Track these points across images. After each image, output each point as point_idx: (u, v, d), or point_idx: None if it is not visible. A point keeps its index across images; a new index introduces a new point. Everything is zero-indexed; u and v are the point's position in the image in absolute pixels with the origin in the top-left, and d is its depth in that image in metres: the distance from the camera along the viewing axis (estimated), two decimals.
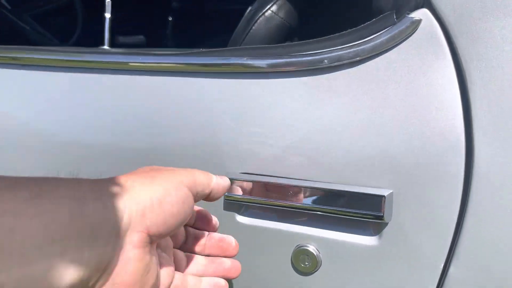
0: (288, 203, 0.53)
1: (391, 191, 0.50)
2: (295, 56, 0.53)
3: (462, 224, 0.48)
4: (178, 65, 0.59)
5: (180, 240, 0.49)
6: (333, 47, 0.52)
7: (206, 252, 0.50)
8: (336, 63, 0.51)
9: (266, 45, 0.56)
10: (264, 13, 0.86)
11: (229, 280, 0.51)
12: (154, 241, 0.38)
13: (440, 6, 0.48)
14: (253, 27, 0.85)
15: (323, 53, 0.52)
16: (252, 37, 0.86)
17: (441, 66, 0.48)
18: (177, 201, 0.39)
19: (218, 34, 1.64)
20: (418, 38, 0.49)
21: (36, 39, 1.33)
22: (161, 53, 0.60)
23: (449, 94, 0.48)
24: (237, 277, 0.50)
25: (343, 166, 0.51)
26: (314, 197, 0.52)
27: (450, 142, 0.47)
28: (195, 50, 0.59)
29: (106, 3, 0.74)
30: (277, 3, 0.87)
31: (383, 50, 0.50)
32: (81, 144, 0.65)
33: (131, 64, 0.62)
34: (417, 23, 0.49)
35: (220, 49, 0.57)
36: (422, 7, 0.50)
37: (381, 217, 0.49)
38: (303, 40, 0.56)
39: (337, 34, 0.53)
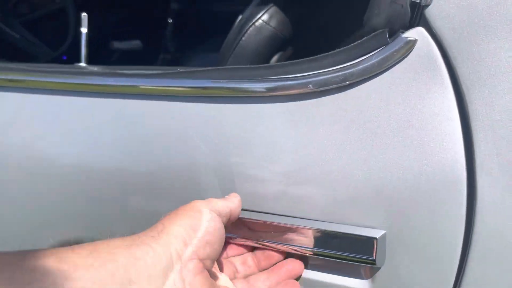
0: (271, 243, 0.48)
1: (384, 232, 0.44)
2: (277, 80, 0.47)
3: (464, 270, 0.43)
4: (152, 88, 0.54)
5: (232, 271, 0.50)
6: (319, 70, 0.47)
7: (261, 268, 0.50)
8: (322, 88, 0.46)
9: (248, 66, 0.51)
10: (254, 23, 0.81)
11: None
12: (207, 266, 0.41)
13: (438, 24, 0.43)
14: (243, 38, 0.80)
15: (308, 76, 0.46)
16: (242, 49, 0.80)
17: (439, 92, 0.43)
18: (207, 221, 0.42)
19: (218, 35, 1.60)
20: (413, 60, 0.44)
21: (26, 47, 1.29)
22: (134, 73, 0.55)
23: (448, 124, 0.42)
24: (302, 272, 0.49)
25: (330, 203, 0.46)
26: (299, 237, 0.47)
27: (450, 179, 0.42)
28: (172, 71, 0.54)
29: (82, 17, 0.69)
30: (269, 12, 0.81)
31: (374, 73, 0.45)
32: (56, 166, 0.60)
33: (104, 86, 0.57)
34: (412, 43, 0.43)
35: (198, 69, 0.52)
36: (418, 25, 0.44)
37: (372, 262, 0.44)
38: (297, 51, 0.51)
39: (323, 54, 0.48)
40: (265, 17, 0.81)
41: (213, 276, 0.44)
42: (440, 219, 0.43)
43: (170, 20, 1.95)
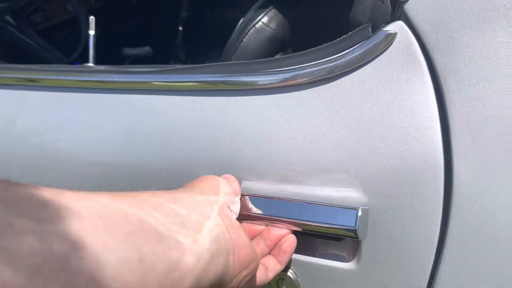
0: (252, 214, 0.50)
1: (367, 208, 0.47)
2: (267, 74, 0.51)
3: (442, 249, 0.45)
4: (154, 83, 0.57)
5: None
6: (307, 63, 0.50)
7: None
8: (310, 80, 0.49)
9: (240, 62, 0.54)
10: (254, 25, 0.84)
11: None
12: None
13: (416, 18, 0.46)
14: (244, 40, 0.84)
15: (297, 69, 0.49)
16: (243, 50, 0.84)
17: (418, 81, 0.45)
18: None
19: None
20: (394, 52, 0.47)
21: (41, 54, 1.35)
22: (136, 70, 0.59)
23: (427, 112, 0.45)
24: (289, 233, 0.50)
25: (317, 187, 0.49)
26: (285, 209, 0.49)
27: (429, 163, 0.45)
28: (171, 68, 0.58)
29: (90, 20, 0.74)
30: (268, 14, 0.85)
31: (357, 65, 0.47)
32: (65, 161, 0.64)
33: (111, 82, 0.61)
34: (392, 36, 0.46)
35: (195, 66, 0.56)
36: (399, 19, 0.47)
37: (354, 232, 0.45)
38: (297, 51, 0.54)
39: (312, 49, 0.51)
40: (265, 19, 0.85)
41: None
42: (420, 202, 0.45)
43: (180, 28, 1.99)
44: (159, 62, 1.75)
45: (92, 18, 0.74)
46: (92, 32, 0.74)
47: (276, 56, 0.89)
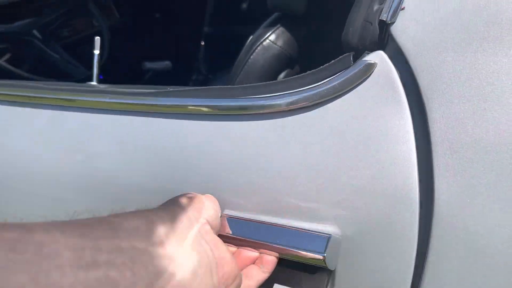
0: (229, 235, 0.50)
1: (339, 236, 0.46)
2: (248, 100, 0.50)
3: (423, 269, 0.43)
4: (146, 106, 0.58)
5: None
6: (288, 90, 0.49)
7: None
8: (289, 108, 0.48)
9: (222, 87, 0.54)
10: (262, 42, 0.85)
11: None
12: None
13: (402, 40, 0.45)
14: (252, 56, 0.84)
15: (276, 97, 0.49)
16: (251, 66, 0.84)
17: (397, 109, 0.44)
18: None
19: None
20: (374, 82, 0.46)
21: (65, 67, 1.39)
22: (132, 92, 0.60)
23: (405, 144, 0.44)
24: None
25: (288, 218, 0.48)
26: (257, 232, 0.49)
27: (409, 181, 0.43)
28: (163, 90, 0.58)
29: (95, 40, 0.76)
30: (276, 32, 0.85)
31: (337, 94, 0.47)
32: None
33: (106, 103, 0.62)
34: (372, 66, 0.46)
35: (185, 89, 0.56)
36: (386, 40, 0.47)
37: (322, 259, 0.44)
38: (304, 69, 0.53)
39: (295, 76, 0.51)
40: (272, 37, 0.85)
41: None
42: (394, 238, 0.44)
43: (202, 43, 2.00)
44: (180, 76, 1.78)
45: (97, 38, 0.76)
46: (96, 51, 0.76)
47: (283, 73, 0.88)
